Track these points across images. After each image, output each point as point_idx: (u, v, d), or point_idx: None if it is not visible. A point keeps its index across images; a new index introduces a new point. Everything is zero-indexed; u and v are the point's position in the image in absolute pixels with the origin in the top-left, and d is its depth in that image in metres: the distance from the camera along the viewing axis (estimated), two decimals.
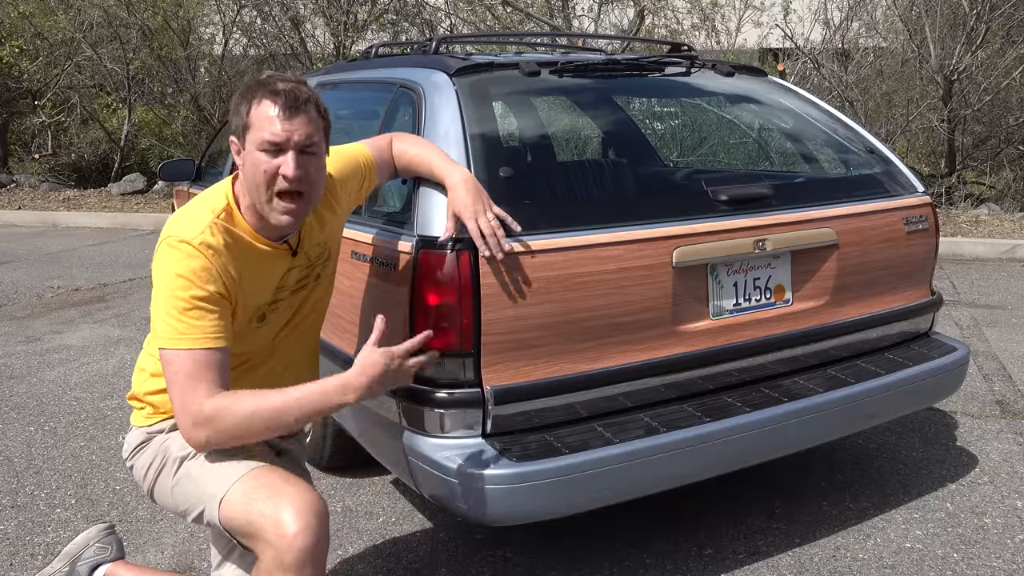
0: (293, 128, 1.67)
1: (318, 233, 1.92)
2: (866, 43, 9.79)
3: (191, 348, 1.61)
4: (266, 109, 1.67)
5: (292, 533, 1.55)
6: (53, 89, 11.27)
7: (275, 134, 1.66)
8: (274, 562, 1.56)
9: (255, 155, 1.68)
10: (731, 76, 2.84)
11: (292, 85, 1.69)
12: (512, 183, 2.08)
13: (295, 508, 1.57)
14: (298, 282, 1.89)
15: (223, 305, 1.67)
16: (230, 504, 1.63)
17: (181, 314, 1.62)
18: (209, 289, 1.64)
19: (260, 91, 1.69)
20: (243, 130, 1.71)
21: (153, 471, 1.81)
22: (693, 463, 2.09)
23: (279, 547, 1.55)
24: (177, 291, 1.62)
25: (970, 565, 2.35)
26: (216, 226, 1.69)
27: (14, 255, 7.45)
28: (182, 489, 1.75)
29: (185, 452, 1.76)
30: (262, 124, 1.67)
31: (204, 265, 1.64)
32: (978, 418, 3.40)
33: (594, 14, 10.40)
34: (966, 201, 8.52)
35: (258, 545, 1.60)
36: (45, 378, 4.08)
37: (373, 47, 3.29)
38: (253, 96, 1.69)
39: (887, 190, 2.63)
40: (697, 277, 2.21)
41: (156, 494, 1.84)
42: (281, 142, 1.67)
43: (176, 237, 1.66)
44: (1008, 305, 5.27)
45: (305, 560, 1.55)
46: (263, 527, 1.57)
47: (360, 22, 10.97)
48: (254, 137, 1.68)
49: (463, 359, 1.95)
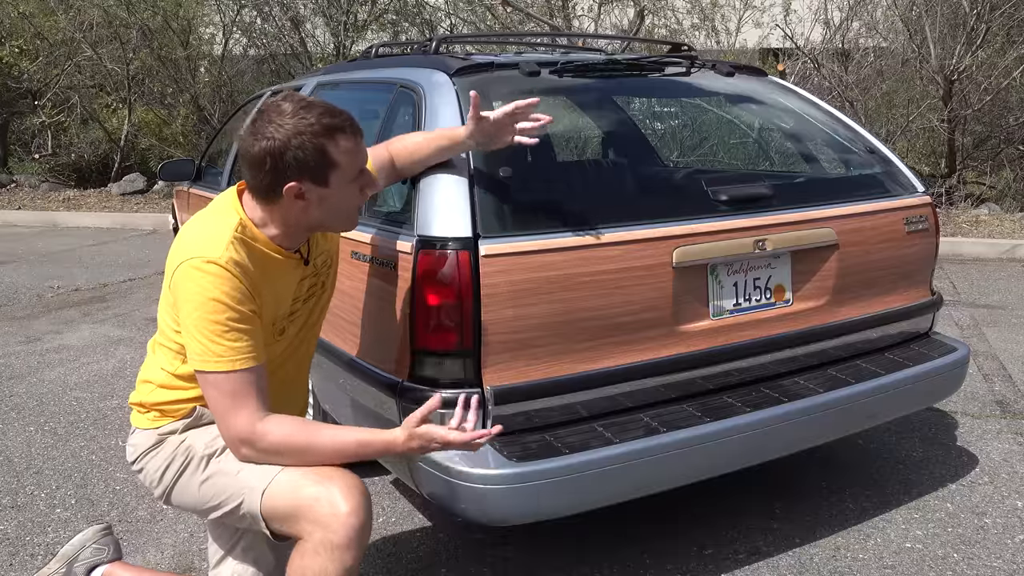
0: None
1: (323, 241, 1.94)
2: (866, 43, 9.79)
3: (230, 371, 1.64)
4: (348, 141, 1.71)
5: (345, 512, 1.59)
6: (53, 89, 11.27)
7: (364, 160, 1.76)
8: (323, 542, 1.59)
9: (351, 188, 1.75)
10: (731, 76, 2.84)
11: (345, 115, 1.72)
12: (512, 183, 2.08)
13: (344, 490, 1.62)
14: (309, 290, 1.91)
15: (255, 323, 1.69)
16: (275, 493, 1.66)
17: (219, 337, 1.63)
18: (242, 310, 1.66)
19: (331, 128, 1.68)
20: (325, 169, 1.69)
21: (172, 472, 1.80)
22: (693, 463, 2.09)
23: (331, 526, 1.59)
24: (213, 315, 1.63)
25: (970, 565, 2.35)
26: (237, 241, 1.69)
27: (14, 255, 7.45)
28: (214, 484, 1.75)
29: (211, 450, 1.77)
30: (353, 156, 1.72)
31: (236, 285, 1.65)
32: (978, 418, 3.40)
33: (594, 14, 10.40)
34: (966, 201, 8.52)
35: (305, 527, 1.62)
36: (45, 378, 4.08)
37: (373, 47, 3.29)
38: (325, 135, 1.68)
39: (887, 190, 2.63)
40: (697, 277, 2.21)
41: (176, 494, 1.82)
42: (365, 165, 1.78)
43: (202, 258, 1.65)
44: (1008, 305, 5.27)
45: (353, 539, 1.59)
46: (313, 508, 1.61)
47: (360, 22, 10.98)
48: (346, 173, 1.72)
49: (463, 359, 1.95)
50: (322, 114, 1.69)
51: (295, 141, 1.65)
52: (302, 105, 1.68)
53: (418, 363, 1.98)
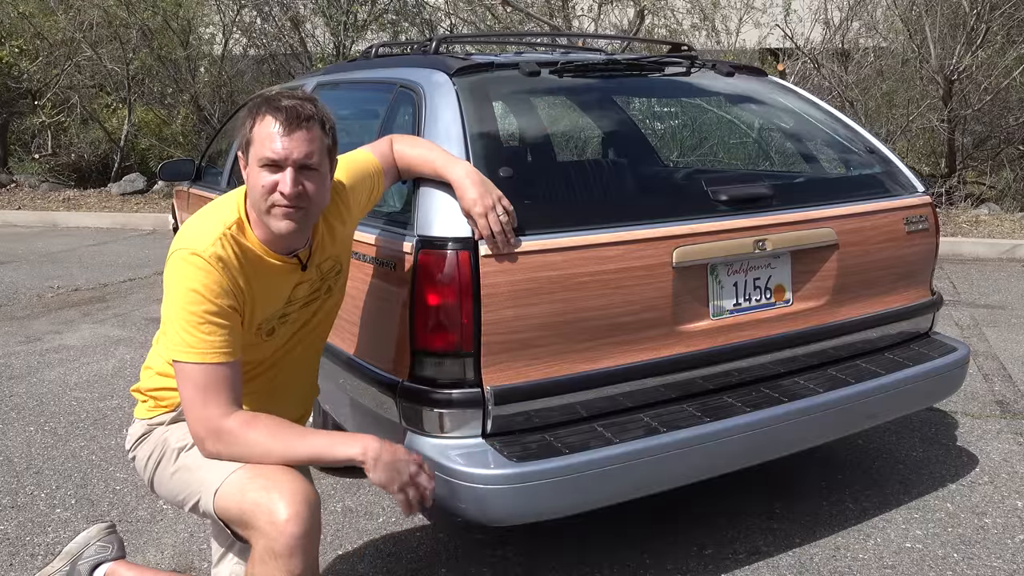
0: (292, 145, 1.68)
1: (330, 246, 1.93)
2: (866, 43, 9.78)
3: (202, 363, 1.64)
4: (267, 126, 1.69)
5: (283, 520, 1.57)
6: (53, 89, 11.26)
7: (274, 151, 1.68)
8: (266, 550, 1.58)
9: (256, 170, 1.70)
10: (731, 76, 2.84)
11: (296, 102, 1.70)
12: (512, 183, 2.08)
13: (287, 497, 1.59)
14: (308, 295, 1.91)
15: (234, 319, 1.70)
16: (225, 494, 1.65)
17: (194, 328, 1.64)
18: (220, 304, 1.66)
19: (264, 107, 1.71)
20: (247, 145, 1.73)
21: (152, 462, 1.85)
22: (693, 463, 2.09)
23: (271, 535, 1.57)
24: (189, 305, 1.65)
25: (970, 565, 2.35)
26: (226, 237, 1.71)
27: (14, 255, 7.45)
28: (180, 478, 1.78)
29: (183, 443, 1.79)
30: (262, 140, 1.69)
31: (216, 279, 1.66)
32: (978, 418, 3.40)
33: (594, 14, 10.40)
34: (966, 201, 8.52)
35: (251, 534, 1.62)
36: (45, 378, 4.08)
37: (373, 47, 3.29)
38: (257, 112, 1.71)
39: (887, 190, 2.63)
40: (697, 277, 2.21)
41: (156, 484, 1.87)
42: (279, 159, 1.68)
43: (188, 249, 1.68)
44: (1008, 305, 5.27)
45: (295, 547, 1.57)
46: (255, 515, 1.60)
47: (360, 22, 10.97)
48: (256, 153, 1.70)
49: (463, 359, 1.95)
50: (275, 94, 1.73)
51: (243, 111, 1.74)
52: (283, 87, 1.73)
53: (418, 363, 1.98)
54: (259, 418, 1.68)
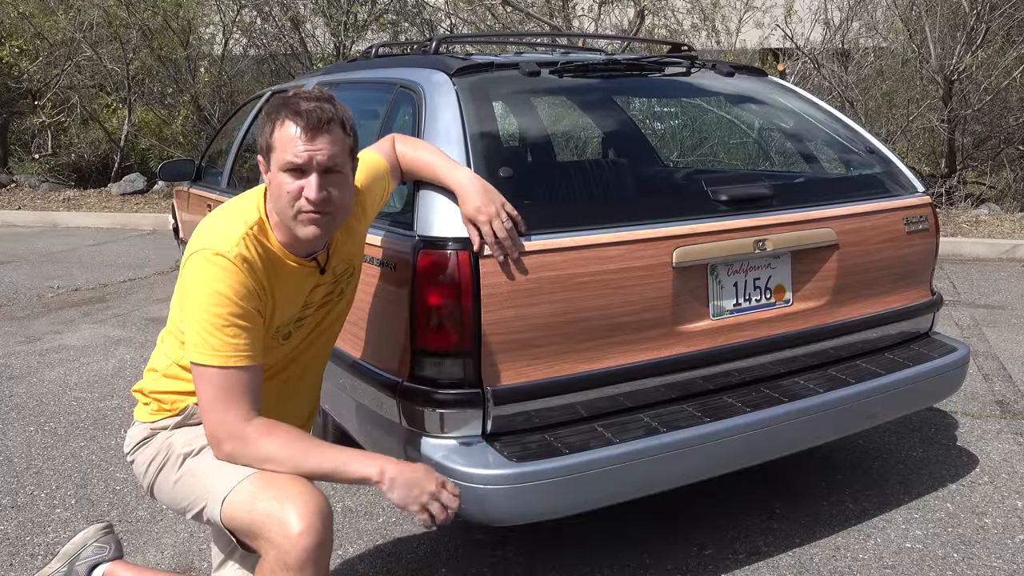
0: (316, 149, 1.66)
1: (347, 245, 1.91)
2: (866, 43, 9.78)
3: (224, 366, 1.62)
4: (288, 130, 1.66)
5: (296, 533, 1.54)
6: (53, 89, 11.26)
7: (297, 155, 1.65)
8: (277, 561, 1.56)
9: (279, 176, 1.68)
10: (731, 76, 2.84)
11: (315, 104, 1.67)
12: (512, 183, 2.08)
13: (300, 509, 1.57)
14: (323, 298, 1.90)
15: (257, 322, 1.68)
16: (234, 503, 1.62)
17: (217, 331, 1.62)
18: (245, 306, 1.64)
19: (283, 111, 1.68)
20: (267, 151, 1.70)
21: (155, 467, 1.81)
22: (693, 463, 2.09)
23: (283, 547, 1.55)
24: (214, 307, 1.62)
25: (970, 565, 2.35)
26: (249, 238, 1.69)
27: (14, 255, 7.45)
28: (184, 485, 1.75)
29: (189, 449, 1.76)
30: (285, 146, 1.66)
31: (242, 280, 1.64)
32: (978, 418, 3.40)
33: (594, 14, 10.39)
34: (966, 201, 8.52)
35: (261, 544, 1.59)
36: (45, 378, 4.08)
37: (373, 47, 3.29)
38: (277, 116, 1.68)
39: (887, 190, 2.63)
40: (697, 277, 2.21)
41: (156, 490, 1.84)
42: (303, 164, 1.66)
43: (211, 250, 1.65)
44: (1008, 305, 5.27)
45: (307, 560, 1.55)
46: (267, 526, 1.57)
47: (360, 22, 10.97)
48: (278, 158, 1.68)
49: (463, 359, 1.95)
50: (292, 96, 1.69)
51: (262, 116, 1.70)
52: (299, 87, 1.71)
53: (418, 363, 1.98)
54: (278, 427, 1.66)
